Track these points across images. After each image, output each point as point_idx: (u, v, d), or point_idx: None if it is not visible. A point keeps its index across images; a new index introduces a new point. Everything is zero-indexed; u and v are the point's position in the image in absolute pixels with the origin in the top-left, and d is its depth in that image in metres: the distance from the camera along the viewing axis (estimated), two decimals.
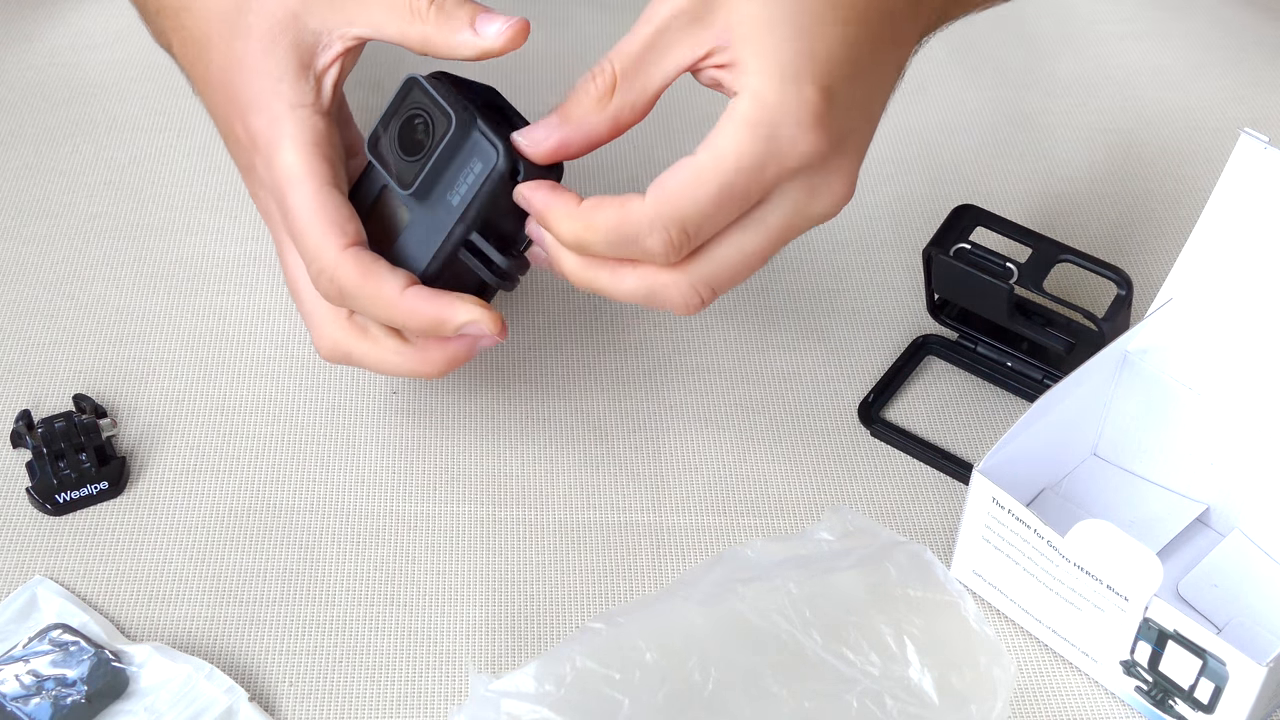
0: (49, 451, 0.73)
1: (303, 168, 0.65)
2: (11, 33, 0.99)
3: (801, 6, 0.60)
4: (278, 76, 0.66)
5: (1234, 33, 1.03)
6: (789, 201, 0.62)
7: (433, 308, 0.65)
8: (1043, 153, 0.94)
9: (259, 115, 0.66)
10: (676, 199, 0.60)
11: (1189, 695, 0.63)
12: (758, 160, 0.59)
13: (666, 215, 0.60)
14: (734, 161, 0.59)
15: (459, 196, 0.64)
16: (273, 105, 0.66)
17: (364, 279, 0.64)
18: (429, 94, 0.64)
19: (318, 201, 0.65)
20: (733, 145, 0.59)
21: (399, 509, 0.73)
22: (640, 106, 0.61)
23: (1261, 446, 0.68)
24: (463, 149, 0.64)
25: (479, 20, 0.65)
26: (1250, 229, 0.68)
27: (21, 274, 0.84)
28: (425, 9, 0.65)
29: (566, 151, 0.62)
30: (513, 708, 0.57)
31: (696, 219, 0.60)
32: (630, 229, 0.61)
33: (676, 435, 0.77)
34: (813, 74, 0.59)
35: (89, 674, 0.64)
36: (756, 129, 0.59)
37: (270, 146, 0.65)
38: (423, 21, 0.65)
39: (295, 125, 0.65)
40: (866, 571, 0.63)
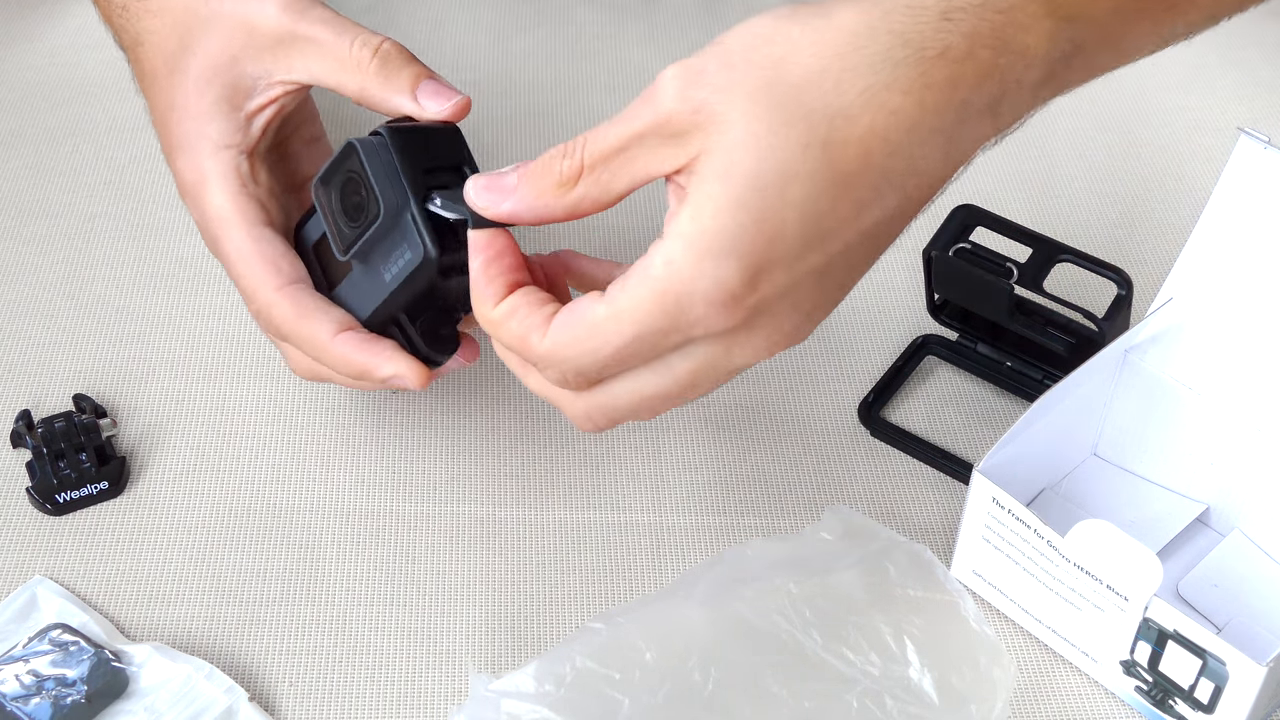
0: (49, 451, 0.73)
1: (231, 209, 0.66)
2: (11, 33, 0.99)
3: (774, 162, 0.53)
4: (208, 117, 0.66)
5: (1234, 33, 1.02)
6: (701, 355, 0.57)
7: (360, 356, 0.64)
8: (1043, 153, 0.94)
9: (186, 157, 0.66)
10: (570, 349, 0.57)
11: (1189, 695, 0.63)
12: (659, 328, 0.55)
13: (560, 360, 0.57)
14: (633, 327, 0.55)
15: (390, 275, 0.64)
16: (198, 146, 0.66)
17: (298, 320, 0.65)
18: (363, 170, 0.62)
19: (250, 241, 0.65)
20: (635, 309, 0.55)
21: (399, 509, 0.73)
22: (602, 202, 0.57)
23: (1261, 446, 0.68)
24: (395, 231, 0.62)
25: (421, 89, 0.64)
26: (1250, 229, 0.68)
27: (21, 274, 0.84)
28: (366, 62, 0.65)
29: (515, 221, 0.59)
30: (513, 708, 0.57)
31: (592, 369, 0.57)
32: (530, 355, 0.58)
33: (676, 435, 0.77)
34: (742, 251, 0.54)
35: (89, 674, 0.64)
36: (663, 299, 0.54)
37: (197, 188, 0.66)
38: (362, 74, 0.65)
39: (220, 166, 0.66)
40: (866, 571, 0.63)
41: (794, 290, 0.56)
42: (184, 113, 0.66)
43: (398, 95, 0.64)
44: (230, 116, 0.66)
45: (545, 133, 0.94)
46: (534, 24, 1.02)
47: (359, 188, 0.63)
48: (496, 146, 0.92)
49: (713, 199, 0.53)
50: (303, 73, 0.66)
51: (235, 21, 0.66)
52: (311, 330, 0.65)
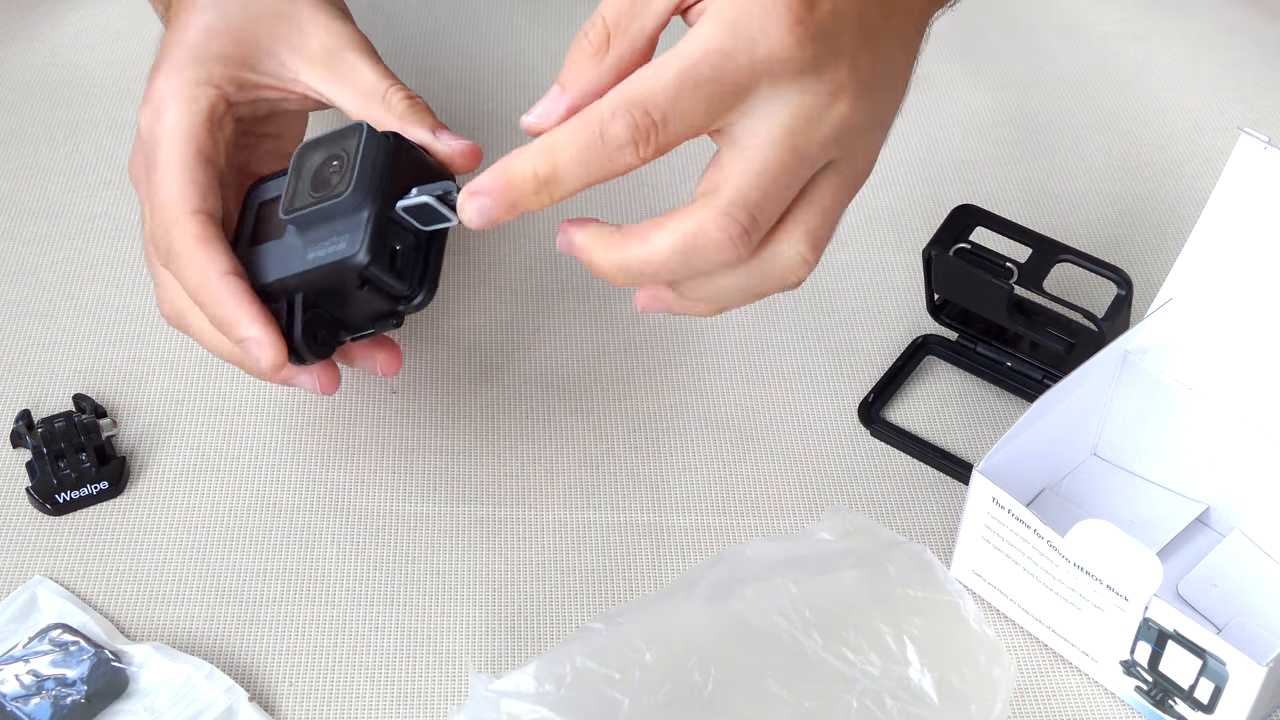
0: (49, 451, 0.73)
1: (186, 130, 0.65)
2: (11, 33, 0.99)
3: None
4: (216, 56, 0.67)
5: (1234, 33, 1.03)
6: (782, 105, 0.57)
7: (236, 304, 0.63)
8: (1043, 153, 0.94)
9: (172, 72, 0.66)
10: (635, 82, 0.56)
11: (1189, 695, 0.63)
12: (722, 46, 0.55)
13: (625, 98, 0.56)
14: (698, 46, 0.55)
15: (313, 254, 0.63)
16: (190, 70, 0.66)
17: (197, 244, 0.64)
18: (356, 151, 0.62)
19: (188, 159, 0.65)
20: (698, 33, 0.56)
21: (399, 509, 0.73)
22: (640, 51, 0.58)
23: (1261, 446, 0.68)
24: (344, 219, 0.62)
25: (440, 133, 0.65)
26: (1250, 229, 0.68)
27: (21, 274, 0.84)
28: (396, 104, 0.66)
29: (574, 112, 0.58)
30: (513, 708, 0.57)
31: (659, 102, 0.56)
32: (593, 122, 0.56)
33: (676, 435, 0.77)
34: None
35: (89, 674, 0.64)
36: (723, 16, 0.55)
37: (164, 101, 0.66)
38: (387, 111, 0.66)
39: (200, 95, 0.66)
40: (866, 571, 0.63)
41: (847, 32, 0.57)
42: (193, 40, 0.67)
43: (415, 129, 0.65)
44: (236, 69, 0.67)
45: None
46: (534, 24, 1.02)
47: (341, 165, 0.62)
48: (496, 145, 0.92)
49: None
50: (331, 93, 0.67)
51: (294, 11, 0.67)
52: (206, 258, 0.63)
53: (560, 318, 0.82)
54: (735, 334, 0.82)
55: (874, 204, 0.89)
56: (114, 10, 1.00)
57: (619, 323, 0.82)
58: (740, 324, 0.82)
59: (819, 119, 0.57)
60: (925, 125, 0.95)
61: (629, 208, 0.87)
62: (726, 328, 0.82)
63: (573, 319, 0.82)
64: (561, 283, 0.84)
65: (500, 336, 0.81)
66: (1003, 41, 1.02)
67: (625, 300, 0.83)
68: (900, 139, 0.93)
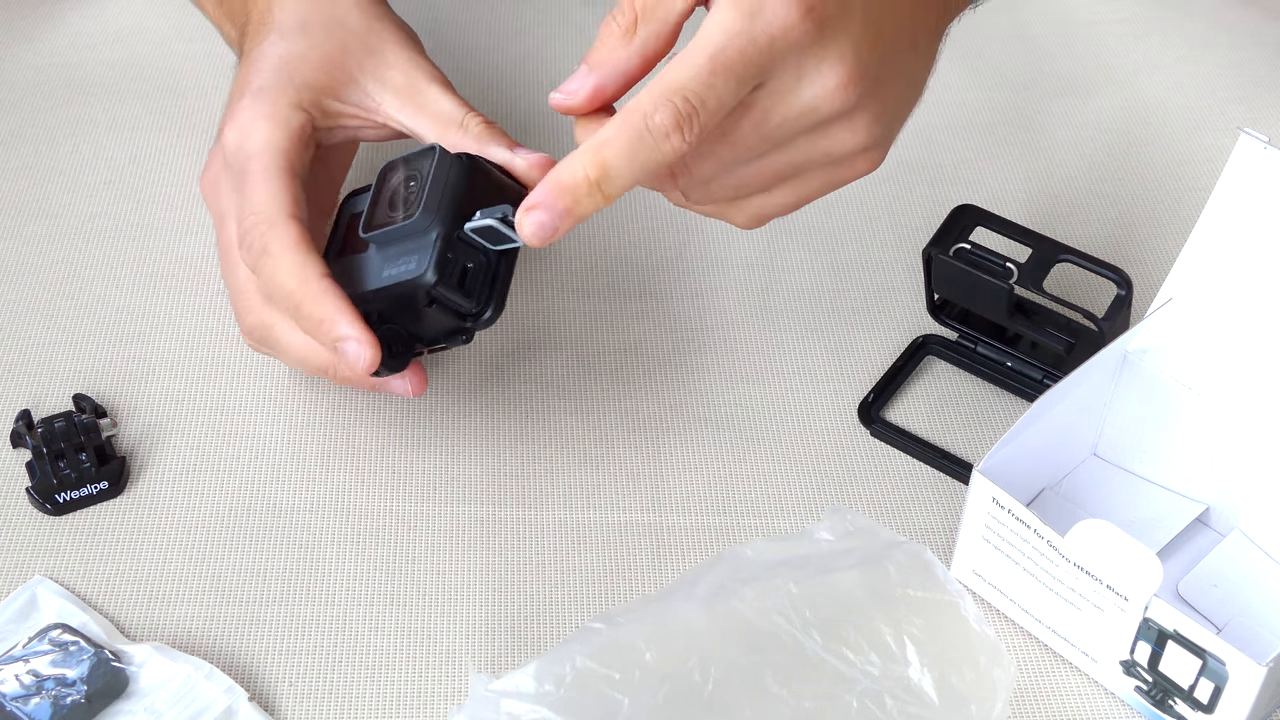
0: (49, 451, 0.73)
1: (278, 147, 0.68)
2: (11, 33, 0.99)
3: None
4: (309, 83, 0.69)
5: (1234, 33, 1.03)
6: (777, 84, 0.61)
7: (331, 307, 0.65)
8: (1043, 153, 0.94)
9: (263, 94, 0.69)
10: (671, 73, 0.59)
11: (1189, 695, 0.63)
12: (742, 26, 0.59)
13: (664, 88, 0.59)
14: (720, 32, 0.59)
15: (387, 273, 0.66)
16: (283, 92, 0.69)
17: (296, 247, 0.66)
18: (428, 173, 0.65)
19: (281, 174, 0.68)
20: (718, 17, 0.59)
21: (399, 509, 0.73)
22: (665, 36, 0.62)
23: (1261, 446, 0.68)
24: (415, 240, 0.65)
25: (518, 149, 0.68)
26: (1250, 229, 0.68)
27: (21, 274, 0.84)
28: (473, 125, 0.69)
29: (603, 95, 0.62)
30: (513, 708, 0.57)
31: (698, 88, 0.59)
32: (636, 117, 0.59)
33: (676, 435, 0.77)
34: None
35: (89, 674, 0.64)
36: (738, 4, 0.59)
37: (254, 121, 0.68)
38: (464, 133, 0.69)
39: (291, 116, 0.68)
40: (866, 571, 0.63)
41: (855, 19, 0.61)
42: (285, 65, 0.69)
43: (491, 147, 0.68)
44: (325, 97, 0.70)
45: (545, 133, 0.93)
46: (533, 25, 1.02)
47: (416, 186, 0.65)
48: None
49: None
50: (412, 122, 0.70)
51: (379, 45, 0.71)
52: (304, 260, 0.66)
53: (561, 317, 0.82)
54: (735, 334, 0.82)
55: (874, 204, 0.89)
56: (114, 10, 1.00)
57: (619, 323, 0.82)
58: (740, 324, 0.82)
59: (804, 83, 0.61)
60: (925, 125, 0.95)
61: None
62: (726, 328, 0.82)
63: (573, 319, 0.82)
64: (562, 283, 0.84)
65: (500, 336, 0.81)
66: (1002, 41, 1.02)
67: (625, 300, 0.83)
68: (900, 139, 0.93)
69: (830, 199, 0.89)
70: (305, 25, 0.71)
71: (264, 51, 0.71)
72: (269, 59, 0.70)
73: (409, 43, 0.72)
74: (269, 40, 0.71)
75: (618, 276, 0.85)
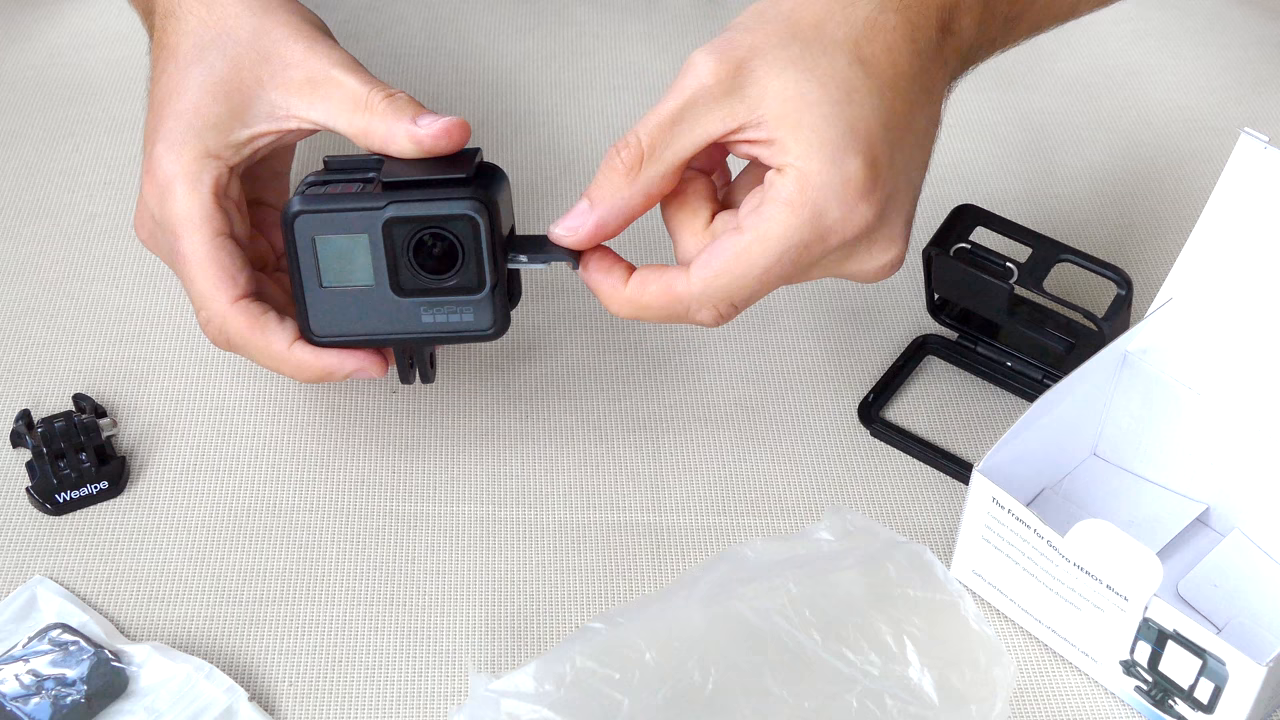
0: (49, 451, 0.73)
1: (199, 213, 0.66)
2: (11, 33, 0.99)
3: (835, 81, 0.61)
4: (209, 125, 0.67)
5: (1234, 33, 1.03)
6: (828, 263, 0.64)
7: (316, 368, 0.67)
8: (1043, 153, 0.94)
9: (171, 149, 0.66)
10: (722, 278, 0.62)
11: (1189, 695, 0.63)
12: (803, 240, 0.61)
13: (714, 293, 0.62)
14: (779, 244, 0.61)
15: (430, 319, 0.66)
16: (187, 143, 0.66)
17: (251, 332, 0.66)
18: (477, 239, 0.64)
19: (211, 249, 0.66)
20: (779, 228, 0.60)
21: (399, 509, 0.73)
22: (670, 176, 0.62)
23: (1261, 446, 0.68)
24: (468, 295, 0.65)
25: (420, 117, 0.66)
26: (1250, 229, 0.68)
27: (21, 274, 0.84)
28: (377, 103, 0.66)
29: (604, 232, 0.63)
30: (513, 708, 0.57)
31: (744, 295, 0.62)
32: (680, 306, 0.63)
33: (676, 435, 0.77)
34: (855, 148, 0.60)
35: (89, 674, 0.64)
36: (802, 211, 0.60)
37: (170, 182, 0.66)
38: (370, 114, 0.66)
39: (203, 171, 0.66)
40: (866, 571, 0.63)
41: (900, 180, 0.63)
42: (186, 108, 0.67)
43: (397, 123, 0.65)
44: (231, 131, 0.67)
45: (545, 133, 0.94)
46: (533, 25, 1.02)
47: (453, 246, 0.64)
48: (497, 147, 0.92)
49: (805, 123, 0.60)
50: (321, 114, 0.67)
51: (273, 48, 0.68)
52: (266, 341, 0.66)
53: (560, 318, 0.82)
54: (735, 334, 0.82)
55: None
56: (114, 10, 1.00)
57: (619, 323, 0.82)
58: (740, 324, 0.82)
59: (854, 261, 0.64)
60: None
61: None
62: (726, 328, 0.82)
63: (573, 319, 0.82)
64: (561, 283, 0.84)
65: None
66: None
67: None
68: None
69: None
70: (199, 49, 0.68)
71: (164, 94, 0.68)
72: (171, 98, 0.68)
73: (304, 33, 0.69)
74: (167, 73, 0.69)
75: None
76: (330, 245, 0.65)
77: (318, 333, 0.66)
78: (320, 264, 0.66)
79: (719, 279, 0.62)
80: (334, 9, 1.00)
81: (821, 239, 0.61)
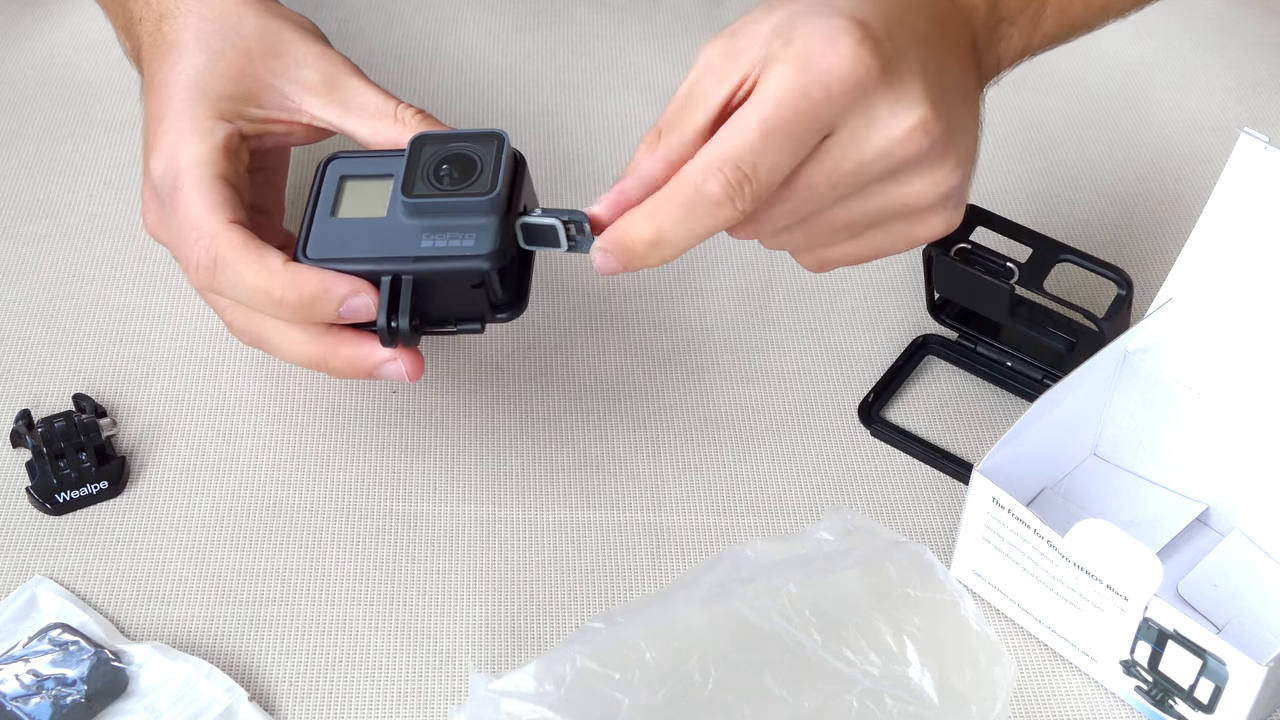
0: (49, 451, 0.73)
1: (205, 158, 0.66)
2: (11, 33, 0.99)
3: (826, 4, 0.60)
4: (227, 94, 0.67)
5: (1234, 33, 1.03)
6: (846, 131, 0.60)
7: (314, 281, 0.63)
8: (1043, 153, 0.94)
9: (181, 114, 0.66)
10: (722, 139, 0.59)
11: (1189, 695, 0.63)
12: (796, 86, 0.58)
13: (716, 157, 0.59)
14: (772, 95, 0.59)
15: (429, 243, 0.63)
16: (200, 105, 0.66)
17: (245, 248, 0.64)
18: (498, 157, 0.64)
19: (212, 183, 0.65)
20: (770, 81, 0.59)
21: (399, 509, 0.73)
22: (689, 143, 0.61)
23: (1261, 446, 0.68)
24: (468, 218, 0.63)
25: None
26: (1250, 229, 0.68)
27: (21, 274, 0.84)
28: (409, 117, 0.67)
29: (626, 199, 0.61)
30: (513, 707, 0.57)
31: (748, 155, 0.59)
32: (688, 187, 0.59)
33: (676, 435, 0.77)
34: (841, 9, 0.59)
35: (89, 673, 0.64)
36: (790, 62, 0.59)
37: (178, 141, 0.66)
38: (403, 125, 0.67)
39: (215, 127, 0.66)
40: (866, 571, 0.63)
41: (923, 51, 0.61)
42: (195, 82, 0.67)
43: None
44: (244, 106, 0.67)
45: (546, 133, 0.94)
46: (534, 25, 1.02)
47: (475, 166, 0.64)
48: None
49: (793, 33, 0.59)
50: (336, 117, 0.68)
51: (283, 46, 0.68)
52: (260, 255, 0.63)
53: (560, 317, 0.82)
54: (735, 334, 0.82)
55: None
56: None
57: (619, 323, 0.82)
58: (740, 324, 0.82)
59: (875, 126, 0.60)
60: None
61: None
62: (727, 328, 0.82)
63: (573, 319, 0.82)
64: (561, 282, 0.84)
65: (500, 336, 0.81)
66: None
67: (624, 300, 0.83)
68: None
69: None
70: (202, 38, 0.68)
71: (168, 75, 0.68)
72: (177, 82, 0.68)
73: (313, 37, 0.70)
74: (169, 61, 0.68)
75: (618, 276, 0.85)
76: (356, 187, 0.66)
77: (311, 255, 0.64)
78: (340, 199, 0.66)
79: (718, 141, 0.59)
80: (334, 9, 1.00)
81: (821, 85, 0.58)
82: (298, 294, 0.63)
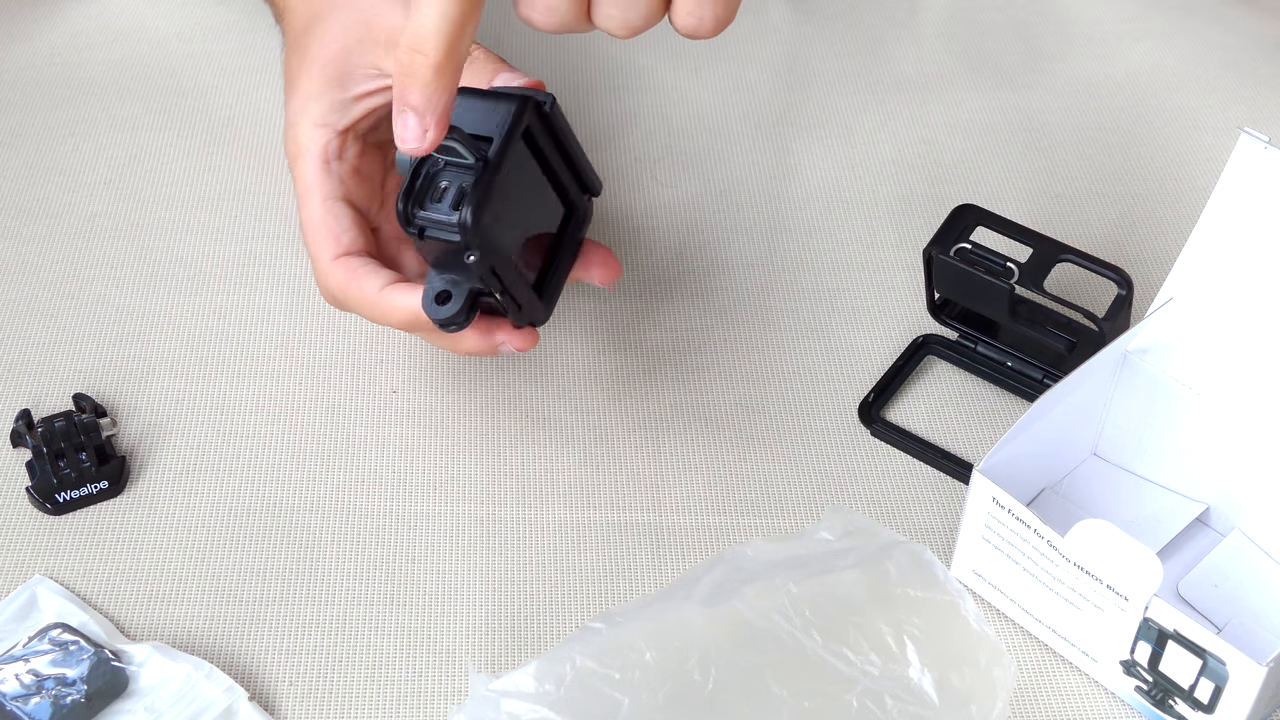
0: (49, 451, 0.73)
1: (313, 181, 0.71)
2: (11, 32, 0.99)
3: None
4: (313, 97, 0.71)
5: (1234, 33, 1.03)
6: None
7: (405, 299, 0.67)
8: (1043, 153, 0.94)
9: (292, 129, 0.72)
10: None
11: (1189, 695, 0.63)
12: None
13: None
14: None
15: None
16: (300, 121, 0.71)
17: (348, 284, 0.69)
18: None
19: (320, 213, 0.70)
20: None
21: (399, 509, 0.73)
22: None
23: (1261, 446, 0.68)
24: None
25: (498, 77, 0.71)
26: (1250, 229, 0.68)
27: (21, 274, 0.84)
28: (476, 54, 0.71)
29: None
30: (513, 707, 0.57)
31: None
32: None
33: (676, 435, 0.77)
34: None
35: (89, 673, 0.64)
36: None
37: (295, 160, 0.72)
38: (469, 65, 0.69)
39: (314, 142, 0.71)
40: (866, 571, 0.63)
41: None
42: (295, 89, 0.72)
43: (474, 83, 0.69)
44: (332, 98, 0.71)
45: None
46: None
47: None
48: None
49: None
50: None
51: (358, 15, 0.71)
52: (360, 289, 0.69)
53: (560, 317, 0.82)
54: (735, 334, 0.82)
55: (874, 203, 0.89)
56: (114, 10, 1.00)
57: (619, 322, 0.82)
58: (740, 324, 0.82)
59: None
60: (925, 125, 0.95)
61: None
62: (726, 328, 0.82)
63: (573, 318, 0.82)
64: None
65: None
66: (1003, 41, 1.02)
67: (625, 299, 0.83)
68: (901, 139, 0.94)
69: (830, 198, 0.89)
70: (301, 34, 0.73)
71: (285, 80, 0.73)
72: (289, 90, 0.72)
73: None
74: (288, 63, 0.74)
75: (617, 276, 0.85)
76: None
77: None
78: None
79: None
80: None
81: None
82: (396, 321, 0.68)
